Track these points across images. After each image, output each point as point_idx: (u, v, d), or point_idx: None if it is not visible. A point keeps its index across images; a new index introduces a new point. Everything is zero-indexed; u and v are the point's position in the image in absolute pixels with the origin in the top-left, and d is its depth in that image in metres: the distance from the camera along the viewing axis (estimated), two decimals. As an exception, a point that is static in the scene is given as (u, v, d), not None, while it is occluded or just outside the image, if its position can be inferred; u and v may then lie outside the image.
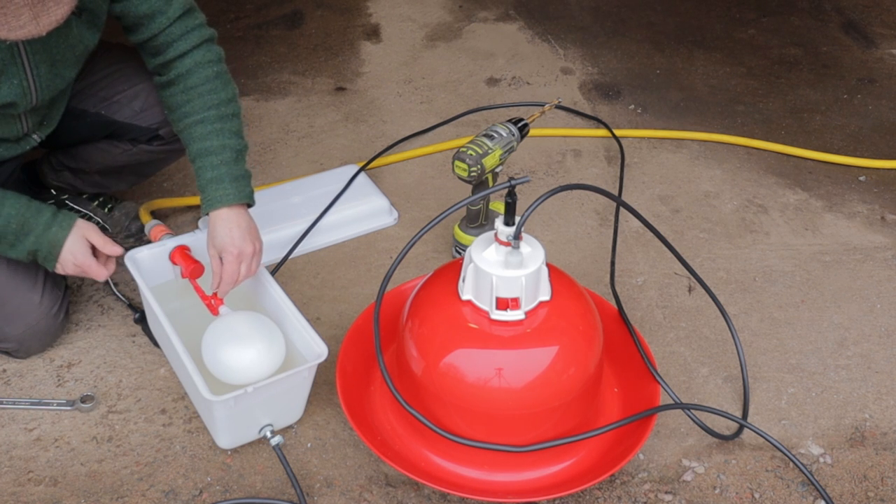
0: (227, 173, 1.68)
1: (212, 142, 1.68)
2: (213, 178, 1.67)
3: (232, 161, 1.69)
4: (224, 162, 1.68)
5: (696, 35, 3.04)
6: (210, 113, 1.69)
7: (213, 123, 1.69)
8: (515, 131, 1.94)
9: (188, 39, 1.69)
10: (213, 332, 1.60)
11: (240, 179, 1.69)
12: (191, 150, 1.70)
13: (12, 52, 1.50)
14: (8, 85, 1.53)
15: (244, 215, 1.69)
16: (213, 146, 1.68)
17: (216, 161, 1.67)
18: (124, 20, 1.68)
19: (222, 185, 1.67)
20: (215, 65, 1.73)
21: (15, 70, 1.53)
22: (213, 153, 1.68)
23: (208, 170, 1.67)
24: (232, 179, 1.68)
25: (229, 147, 1.69)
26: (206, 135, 1.68)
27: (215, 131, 1.68)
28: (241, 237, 1.66)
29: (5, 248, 1.62)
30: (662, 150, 2.46)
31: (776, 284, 2.03)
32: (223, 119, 1.70)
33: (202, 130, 1.69)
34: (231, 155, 1.69)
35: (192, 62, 1.70)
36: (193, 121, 1.69)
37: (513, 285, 1.45)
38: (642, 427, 1.55)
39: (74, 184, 2.01)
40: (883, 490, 1.60)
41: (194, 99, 1.69)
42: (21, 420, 1.68)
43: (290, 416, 1.65)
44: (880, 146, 2.51)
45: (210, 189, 1.67)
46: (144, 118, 1.84)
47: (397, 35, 2.99)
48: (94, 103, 1.83)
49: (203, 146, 1.68)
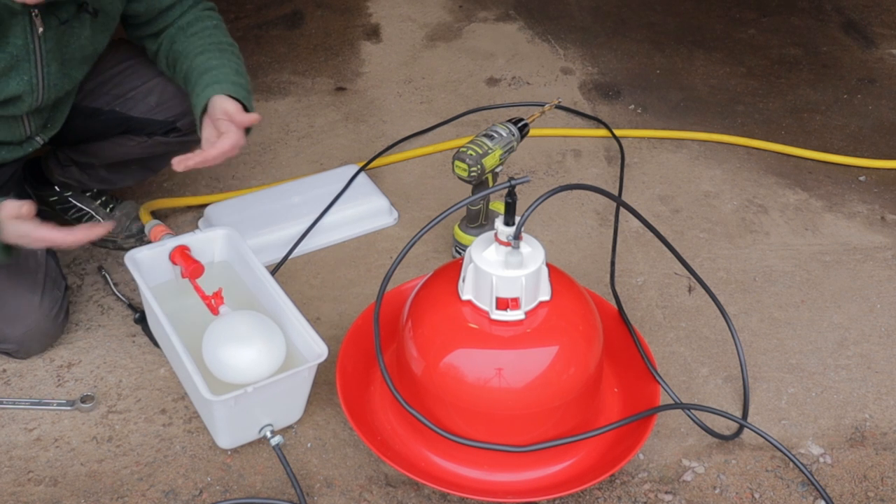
0: (226, 76, 1.67)
1: (213, 62, 1.69)
2: (214, 79, 1.67)
3: (233, 73, 1.69)
4: (225, 74, 1.68)
5: (696, 35, 3.04)
6: (210, 46, 1.71)
7: (212, 52, 1.70)
8: (515, 131, 1.94)
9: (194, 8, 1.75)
10: (213, 331, 1.60)
11: (239, 84, 1.69)
12: (191, 76, 1.69)
13: (27, 48, 1.50)
14: (17, 80, 1.53)
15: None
16: (214, 65, 1.68)
17: (217, 73, 1.67)
18: (142, 17, 1.68)
19: (221, 85, 1.66)
20: (214, 19, 1.77)
21: (27, 66, 1.53)
22: (214, 69, 1.68)
23: (207, 76, 1.67)
24: (232, 83, 1.67)
25: (230, 65, 1.70)
26: (207, 59, 1.69)
27: (216, 56, 1.70)
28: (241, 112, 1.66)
29: None
30: (662, 150, 2.46)
31: (776, 284, 2.03)
32: (223, 51, 1.72)
33: (202, 58, 1.70)
34: (232, 69, 1.69)
35: (192, 16, 1.73)
36: (195, 53, 1.70)
37: (513, 285, 1.45)
38: (642, 427, 1.55)
39: (80, 179, 2.00)
40: (883, 490, 1.60)
41: (196, 41, 1.71)
42: (21, 420, 1.68)
43: (290, 416, 1.65)
44: (880, 146, 2.51)
45: (210, 89, 1.66)
46: (161, 112, 1.83)
47: (397, 35, 2.99)
48: (107, 101, 1.82)
49: (205, 66, 1.68)
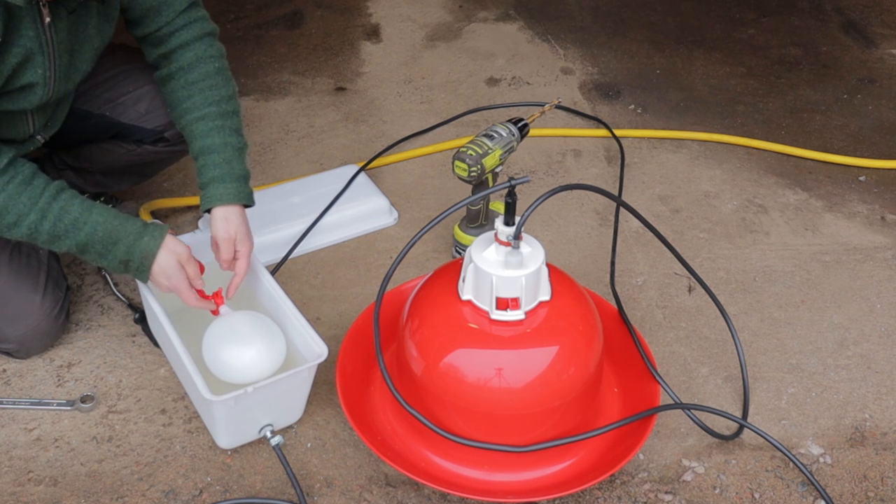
0: (228, 172, 1.69)
1: (213, 139, 1.69)
2: (216, 176, 1.69)
3: (234, 159, 1.70)
4: (226, 160, 1.69)
5: (696, 35, 3.04)
6: (211, 109, 1.70)
7: (214, 120, 1.70)
8: (515, 131, 1.94)
9: (191, 30, 1.71)
10: (213, 331, 1.60)
11: (240, 179, 1.71)
12: (193, 147, 1.71)
13: (39, 39, 1.50)
14: (32, 73, 1.53)
15: (244, 214, 1.72)
16: (215, 143, 1.69)
17: (218, 159, 1.69)
18: (130, 13, 1.68)
19: (224, 184, 1.69)
20: (217, 60, 1.74)
21: (41, 59, 1.53)
22: (215, 151, 1.69)
23: (211, 168, 1.69)
24: (233, 179, 1.69)
25: (231, 145, 1.70)
26: (208, 132, 1.69)
27: (216, 128, 1.70)
28: (248, 233, 1.70)
29: (95, 257, 1.59)
30: (662, 150, 2.46)
31: (776, 284, 2.03)
32: (224, 116, 1.71)
33: (203, 127, 1.70)
34: (233, 153, 1.70)
35: (193, 56, 1.71)
36: (195, 117, 1.70)
37: (513, 285, 1.45)
38: (642, 427, 1.55)
39: (77, 183, 2.01)
40: (883, 490, 1.60)
41: (195, 94, 1.70)
42: (21, 420, 1.68)
43: (290, 416, 1.65)
44: (880, 146, 2.51)
45: (212, 187, 1.69)
46: (149, 120, 1.84)
47: (397, 35, 2.99)
48: (98, 105, 1.83)
49: (205, 143, 1.69)
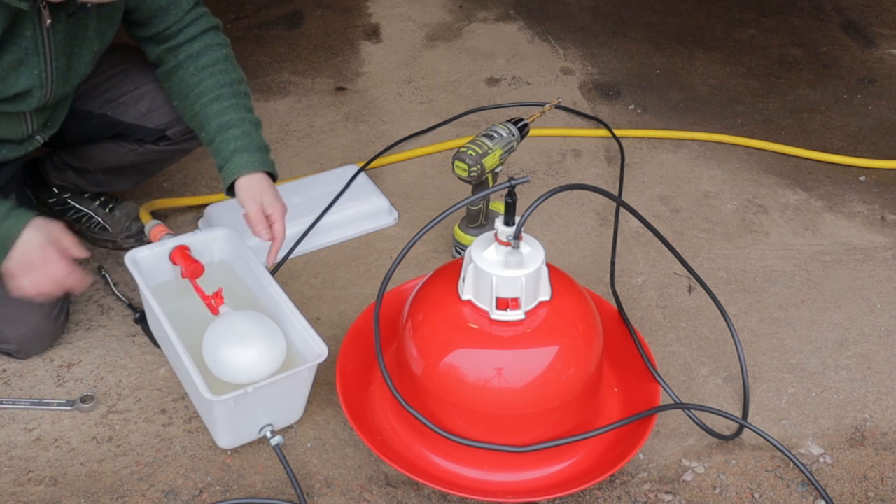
0: (250, 143, 1.70)
1: (231, 115, 1.70)
2: (239, 147, 1.69)
3: (254, 132, 1.72)
4: (246, 133, 1.70)
5: (696, 35, 3.04)
6: (224, 90, 1.72)
7: (228, 100, 1.71)
8: (515, 131, 1.94)
9: (198, 24, 1.73)
10: (213, 331, 1.60)
11: (263, 149, 1.72)
12: (209, 128, 1.71)
13: (36, 41, 1.50)
14: (27, 74, 1.53)
15: (270, 180, 1.72)
16: (233, 119, 1.70)
17: (238, 132, 1.70)
18: (137, 14, 1.68)
19: (247, 153, 1.69)
20: (224, 48, 1.76)
21: (37, 60, 1.53)
22: (234, 125, 1.70)
23: (232, 141, 1.69)
24: (256, 149, 1.71)
25: (249, 120, 1.72)
26: (224, 110, 1.70)
27: (232, 106, 1.71)
28: (277, 196, 1.71)
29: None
30: (662, 150, 2.46)
31: (776, 284, 2.03)
32: (237, 96, 1.73)
33: (219, 107, 1.71)
34: (251, 127, 1.72)
35: (201, 45, 1.73)
36: (209, 99, 1.71)
37: (513, 285, 1.45)
38: (642, 427, 1.55)
39: (77, 182, 2.01)
40: (883, 490, 1.60)
41: (207, 78, 1.71)
42: (21, 420, 1.68)
43: (290, 416, 1.65)
44: (880, 146, 2.51)
45: (235, 158, 1.69)
46: (151, 119, 1.84)
47: (397, 35, 2.99)
48: (99, 104, 1.83)
49: (223, 120, 1.70)
